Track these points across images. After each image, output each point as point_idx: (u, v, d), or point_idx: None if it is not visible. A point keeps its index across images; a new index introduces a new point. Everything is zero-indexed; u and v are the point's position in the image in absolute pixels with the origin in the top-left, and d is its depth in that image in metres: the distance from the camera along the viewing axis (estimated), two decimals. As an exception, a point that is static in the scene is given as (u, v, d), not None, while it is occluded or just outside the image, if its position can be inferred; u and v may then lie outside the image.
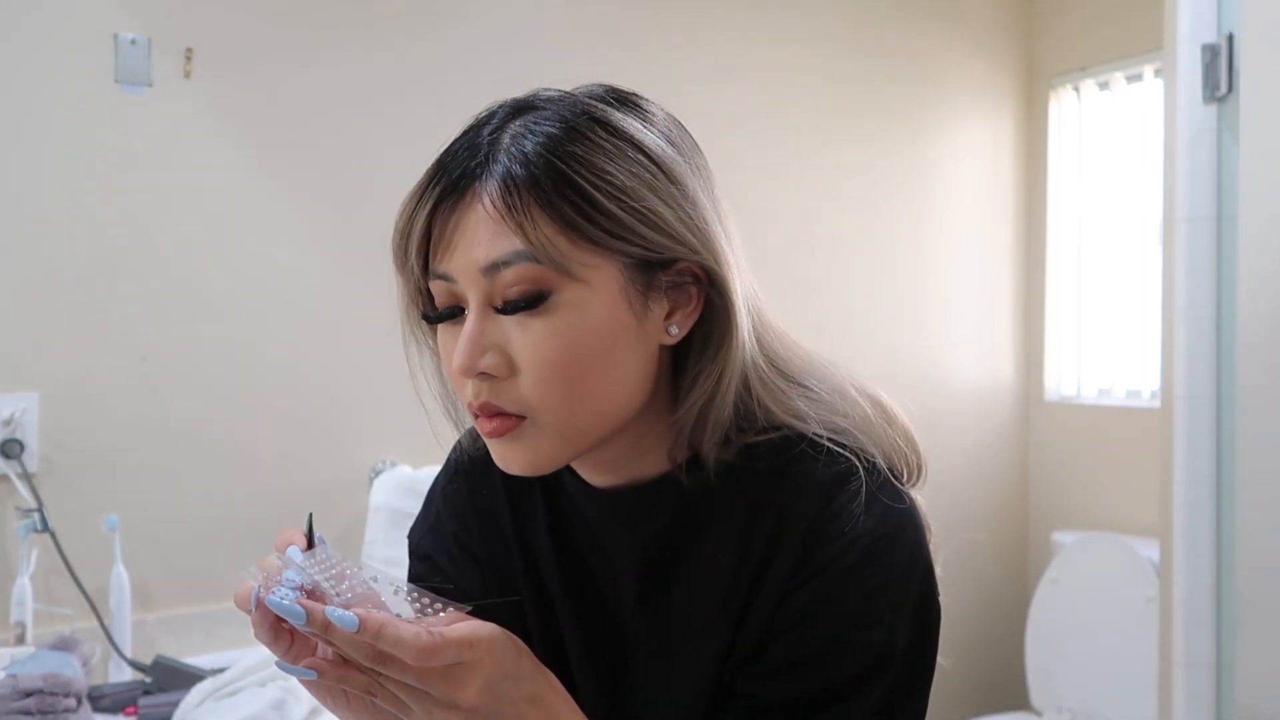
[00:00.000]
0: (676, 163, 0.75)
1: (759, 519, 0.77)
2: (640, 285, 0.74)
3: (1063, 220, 2.83)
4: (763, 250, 2.46)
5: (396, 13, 2.04)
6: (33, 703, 1.33)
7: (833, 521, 0.75)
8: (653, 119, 0.78)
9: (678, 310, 0.76)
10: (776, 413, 0.78)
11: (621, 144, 0.73)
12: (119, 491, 1.79)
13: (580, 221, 0.71)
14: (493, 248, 0.71)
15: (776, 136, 2.48)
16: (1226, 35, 1.65)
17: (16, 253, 1.74)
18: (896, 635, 0.74)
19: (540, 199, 0.70)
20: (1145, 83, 2.62)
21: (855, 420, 0.80)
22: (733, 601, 0.78)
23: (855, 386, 0.82)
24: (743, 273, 0.79)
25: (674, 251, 0.74)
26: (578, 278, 0.71)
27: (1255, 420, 1.59)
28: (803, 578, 0.75)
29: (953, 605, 3.14)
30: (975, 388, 2.81)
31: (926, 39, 2.71)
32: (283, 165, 1.93)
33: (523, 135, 0.73)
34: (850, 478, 0.76)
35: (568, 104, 0.75)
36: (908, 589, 0.75)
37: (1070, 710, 2.45)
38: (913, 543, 0.77)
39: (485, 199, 0.71)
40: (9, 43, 1.73)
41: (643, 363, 0.75)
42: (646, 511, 0.80)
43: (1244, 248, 1.61)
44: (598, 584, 0.84)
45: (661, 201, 0.73)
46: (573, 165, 0.71)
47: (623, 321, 0.73)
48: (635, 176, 0.73)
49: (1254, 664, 1.58)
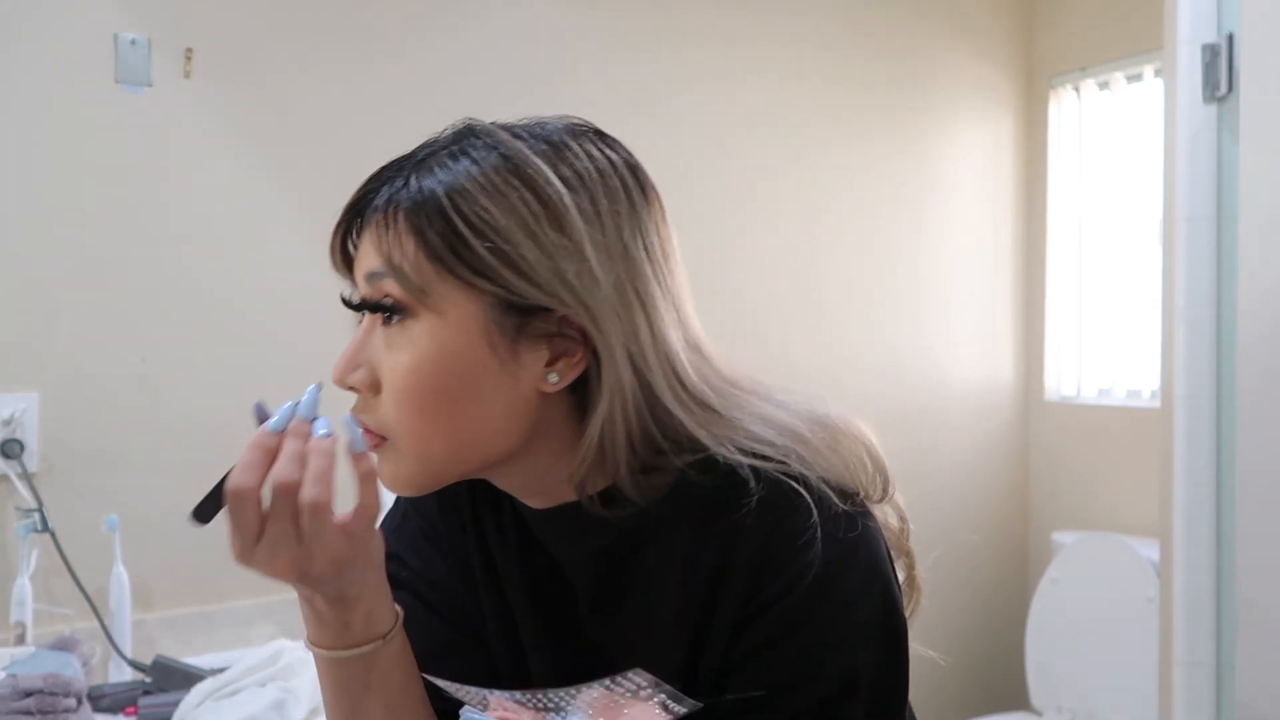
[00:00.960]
0: (570, 212, 0.74)
1: (703, 544, 0.77)
2: (508, 329, 0.74)
3: (1063, 220, 2.83)
4: (763, 250, 2.46)
5: (397, 13, 2.04)
6: (33, 703, 1.33)
7: (780, 550, 0.74)
8: (573, 162, 0.76)
9: (561, 359, 0.75)
10: (707, 442, 0.76)
11: (517, 184, 0.74)
12: (119, 491, 1.79)
13: (445, 253, 0.73)
14: (371, 260, 0.75)
15: (776, 137, 2.48)
16: (1226, 35, 1.65)
17: (16, 252, 1.74)
18: (860, 660, 0.74)
19: (413, 224, 0.74)
20: (1145, 83, 2.62)
21: (796, 446, 0.77)
22: (685, 622, 0.78)
23: (801, 411, 0.81)
24: (653, 314, 0.76)
25: (540, 300, 0.73)
26: (434, 308, 0.74)
27: (1255, 420, 1.59)
28: (756, 607, 0.74)
29: (953, 605, 3.13)
30: (975, 388, 2.81)
31: (926, 39, 2.71)
32: (283, 165, 1.93)
33: (436, 163, 0.75)
34: (793, 504, 0.75)
35: (493, 139, 0.76)
36: (865, 613, 0.75)
37: (1070, 710, 2.45)
38: (866, 565, 0.76)
39: (377, 214, 0.76)
40: (9, 42, 1.73)
41: (510, 407, 0.75)
42: (589, 529, 0.80)
43: (1244, 248, 1.61)
44: (555, 589, 0.84)
45: (537, 248, 0.73)
46: (455, 199, 0.73)
47: (482, 361, 0.74)
48: (516, 218, 0.73)
49: (1254, 664, 1.58)
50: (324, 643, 0.78)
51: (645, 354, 0.75)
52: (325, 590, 0.75)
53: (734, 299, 2.40)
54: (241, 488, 0.71)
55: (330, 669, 0.79)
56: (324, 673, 0.80)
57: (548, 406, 0.77)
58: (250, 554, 0.72)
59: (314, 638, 0.79)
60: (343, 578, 0.74)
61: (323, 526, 0.71)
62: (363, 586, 0.76)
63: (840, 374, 2.55)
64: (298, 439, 0.73)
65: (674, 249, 0.81)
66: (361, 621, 0.77)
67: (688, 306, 0.81)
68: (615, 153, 0.80)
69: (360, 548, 0.74)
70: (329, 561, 0.72)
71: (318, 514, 0.71)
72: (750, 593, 0.75)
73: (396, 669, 0.79)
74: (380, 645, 0.78)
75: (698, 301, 0.82)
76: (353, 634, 0.77)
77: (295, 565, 0.72)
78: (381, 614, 0.78)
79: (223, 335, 1.88)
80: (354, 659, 0.78)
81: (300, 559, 0.71)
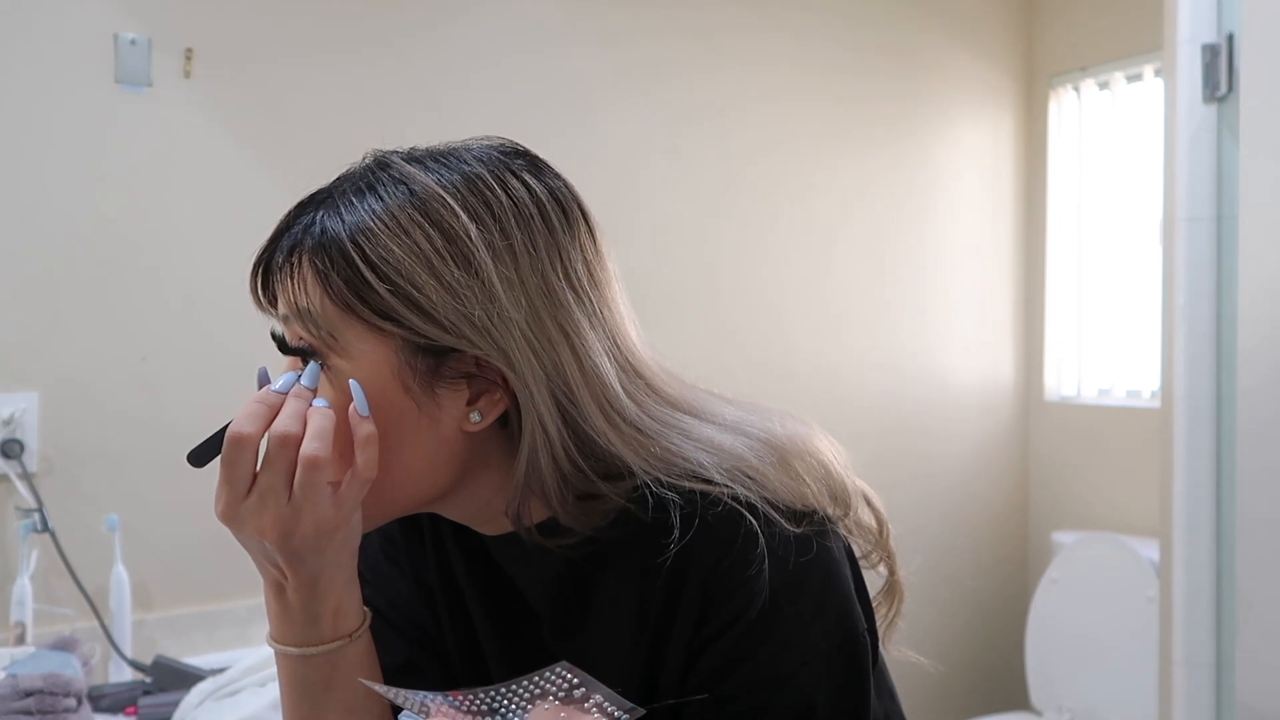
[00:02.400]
0: (477, 250, 0.72)
1: (652, 573, 0.75)
2: (422, 371, 0.73)
3: (1063, 220, 2.83)
4: (763, 250, 2.46)
5: (397, 13, 2.04)
6: (33, 703, 1.33)
7: (725, 580, 0.73)
8: (485, 195, 0.74)
9: (482, 397, 0.74)
10: (646, 469, 0.75)
11: (422, 222, 0.72)
12: (119, 491, 1.79)
13: (349, 296, 0.72)
14: (282, 303, 0.75)
15: (776, 137, 2.48)
16: (1226, 35, 1.65)
17: (16, 253, 1.74)
18: (814, 689, 0.72)
19: (317, 268, 0.72)
20: (1145, 83, 2.62)
21: (741, 469, 0.75)
22: (639, 650, 0.77)
23: (751, 433, 0.78)
24: (580, 345, 0.74)
25: (447, 341, 0.72)
26: (343, 353, 0.73)
27: (1255, 420, 1.59)
28: (705, 639, 0.74)
29: (953, 605, 3.14)
30: (975, 388, 2.81)
31: (926, 38, 2.71)
32: (283, 165, 1.93)
33: (343, 201, 0.74)
34: (739, 531, 0.73)
35: (402, 173, 0.74)
36: (818, 641, 0.73)
37: (1070, 710, 2.45)
38: (819, 590, 0.74)
39: (280, 257, 0.75)
40: (9, 43, 1.73)
41: (434, 449, 0.74)
42: (545, 553, 0.78)
43: (1244, 248, 1.61)
44: (517, 610, 0.83)
45: (442, 289, 0.71)
46: (358, 239, 0.72)
47: (397, 405, 0.73)
48: (419, 258, 0.71)
49: (1254, 664, 1.58)
50: (290, 640, 0.77)
51: (572, 387, 0.73)
52: (302, 568, 0.73)
53: (735, 299, 2.40)
54: (242, 434, 0.71)
55: (293, 668, 0.78)
56: (286, 672, 0.78)
57: (479, 442, 0.76)
58: (237, 508, 0.71)
59: (279, 634, 0.77)
60: (323, 553, 0.73)
61: (316, 486, 0.70)
62: (337, 573, 0.75)
63: (841, 374, 2.56)
64: (300, 400, 0.73)
65: (607, 274, 0.78)
66: (330, 616, 0.76)
67: (626, 330, 0.78)
68: (538, 179, 0.77)
69: (345, 520, 0.73)
70: (314, 526, 0.71)
71: (313, 469, 0.70)
72: (699, 623, 0.74)
73: (360, 670, 0.78)
74: (347, 643, 0.77)
75: (699, 301, 0.81)
76: (320, 630, 0.76)
77: (281, 523, 0.71)
78: (350, 610, 0.77)
79: (223, 335, 1.88)
80: (319, 658, 0.77)
81: (288, 517, 0.71)
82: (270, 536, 0.71)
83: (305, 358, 0.75)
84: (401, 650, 0.86)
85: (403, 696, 0.69)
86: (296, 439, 0.71)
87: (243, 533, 0.73)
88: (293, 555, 0.72)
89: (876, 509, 0.84)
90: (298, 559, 0.73)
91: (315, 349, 0.74)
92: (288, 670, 0.78)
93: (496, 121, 2.12)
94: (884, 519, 0.84)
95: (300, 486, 0.70)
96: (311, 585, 0.74)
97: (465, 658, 0.86)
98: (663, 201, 2.28)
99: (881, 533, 0.83)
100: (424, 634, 0.88)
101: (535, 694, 0.67)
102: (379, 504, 0.76)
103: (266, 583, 0.77)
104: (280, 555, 0.73)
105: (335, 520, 0.72)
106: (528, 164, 0.77)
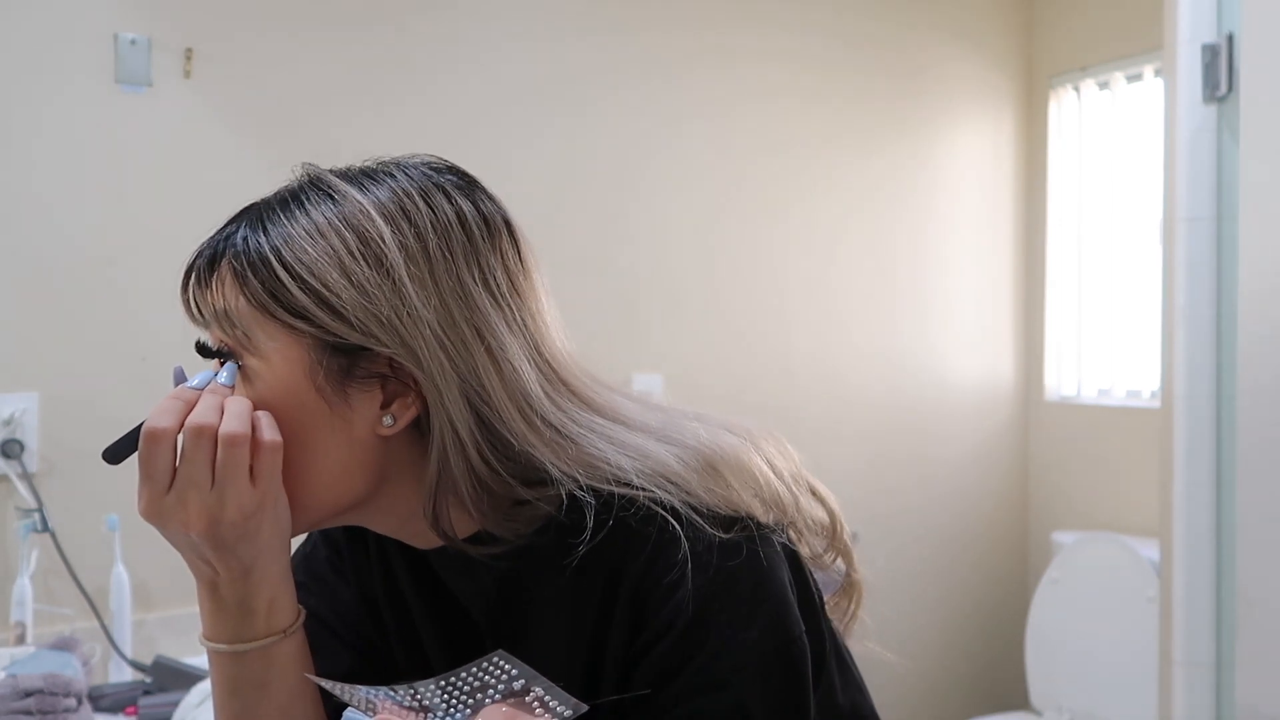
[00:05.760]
0: (389, 249, 0.72)
1: (584, 582, 0.75)
2: (334, 371, 0.73)
3: (1063, 220, 2.83)
4: (763, 250, 2.46)
5: (397, 12, 2.04)
6: (33, 703, 1.33)
7: (653, 589, 0.73)
8: (403, 202, 0.75)
9: (395, 401, 0.74)
10: (568, 475, 0.74)
11: (340, 225, 0.73)
12: (119, 491, 1.79)
13: (264, 296, 0.73)
14: (205, 306, 0.77)
15: (776, 137, 2.48)
16: (1226, 35, 1.65)
17: (16, 253, 1.74)
18: (749, 696, 0.72)
19: (235, 270, 0.74)
20: (1145, 83, 2.62)
21: (664, 474, 0.75)
22: (578, 658, 0.77)
23: (680, 439, 0.78)
24: (498, 350, 0.74)
25: (356, 340, 0.72)
26: (258, 353, 0.74)
27: (1255, 420, 1.59)
28: (643, 644, 0.73)
29: (953, 605, 3.13)
30: (975, 388, 2.81)
31: (926, 39, 2.71)
32: (283, 165, 1.92)
33: (269, 212, 0.76)
34: (657, 530, 0.73)
35: (330, 186, 0.76)
36: (752, 645, 0.72)
37: (1070, 710, 2.45)
38: (750, 594, 0.73)
39: (201, 262, 0.77)
40: (9, 42, 1.73)
41: (347, 451, 0.74)
42: (479, 564, 0.78)
43: (1244, 248, 1.61)
44: (460, 620, 0.83)
45: (352, 287, 0.72)
46: (276, 243, 0.73)
47: (309, 406, 0.73)
48: (332, 258, 0.72)
49: (1254, 664, 1.58)
50: (223, 636, 0.77)
51: (487, 388, 0.73)
52: (233, 558, 0.73)
53: (735, 299, 2.40)
54: (157, 429, 0.72)
55: (226, 666, 0.77)
56: (218, 671, 0.78)
57: (393, 449, 0.76)
58: (159, 504, 0.71)
59: (211, 632, 0.77)
60: (253, 541, 0.73)
61: (238, 465, 0.71)
62: (271, 564, 0.75)
63: (841, 373, 2.55)
64: (216, 395, 0.74)
65: (531, 285, 0.78)
66: (264, 610, 0.76)
67: (551, 338, 0.78)
68: (465, 196, 0.77)
69: (268, 499, 0.73)
70: (239, 511, 0.71)
71: (233, 445, 0.70)
72: (633, 631, 0.74)
73: (293, 668, 0.78)
74: (281, 639, 0.77)
75: (700, 301, 0.81)
76: (254, 625, 0.76)
77: (206, 512, 0.71)
78: (285, 605, 0.77)
79: (223, 335, 1.88)
80: (253, 655, 0.76)
81: (212, 505, 0.71)
82: (197, 528, 0.71)
83: (224, 360, 0.76)
84: (345, 659, 0.86)
85: (348, 693, 0.69)
86: (213, 429, 0.71)
87: (168, 528, 0.73)
88: (222, 545, 0.73)
89: (830, 506, 0.83)
90: (228, 549, 0.73)
91: (232, 349, 0.75)
92: (220, 669, 0.78)
93: (497, 121, 2.12)
94: (837, 515, 0.83)
95: (222, 467, 0.71)
96: (245, 576, 0.74)
97: (413, 670, 0.85)
98: (663, 200, 2.28)
99: (835, 529, 0.83)
100: (368, 644, 0.88)
101: (475, 685, 0.68)
102: (295, 509, 0.76)
103: (199, 581, 0.76)
104: (209, 547, 0.73)
105: (259, 499, 0.72)
106: (457, 181, 0.78)
